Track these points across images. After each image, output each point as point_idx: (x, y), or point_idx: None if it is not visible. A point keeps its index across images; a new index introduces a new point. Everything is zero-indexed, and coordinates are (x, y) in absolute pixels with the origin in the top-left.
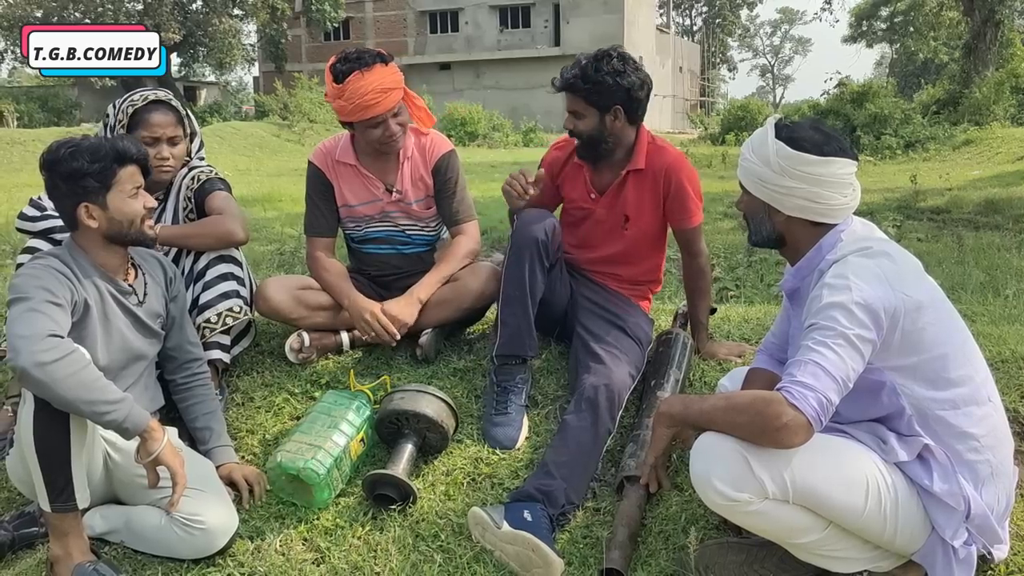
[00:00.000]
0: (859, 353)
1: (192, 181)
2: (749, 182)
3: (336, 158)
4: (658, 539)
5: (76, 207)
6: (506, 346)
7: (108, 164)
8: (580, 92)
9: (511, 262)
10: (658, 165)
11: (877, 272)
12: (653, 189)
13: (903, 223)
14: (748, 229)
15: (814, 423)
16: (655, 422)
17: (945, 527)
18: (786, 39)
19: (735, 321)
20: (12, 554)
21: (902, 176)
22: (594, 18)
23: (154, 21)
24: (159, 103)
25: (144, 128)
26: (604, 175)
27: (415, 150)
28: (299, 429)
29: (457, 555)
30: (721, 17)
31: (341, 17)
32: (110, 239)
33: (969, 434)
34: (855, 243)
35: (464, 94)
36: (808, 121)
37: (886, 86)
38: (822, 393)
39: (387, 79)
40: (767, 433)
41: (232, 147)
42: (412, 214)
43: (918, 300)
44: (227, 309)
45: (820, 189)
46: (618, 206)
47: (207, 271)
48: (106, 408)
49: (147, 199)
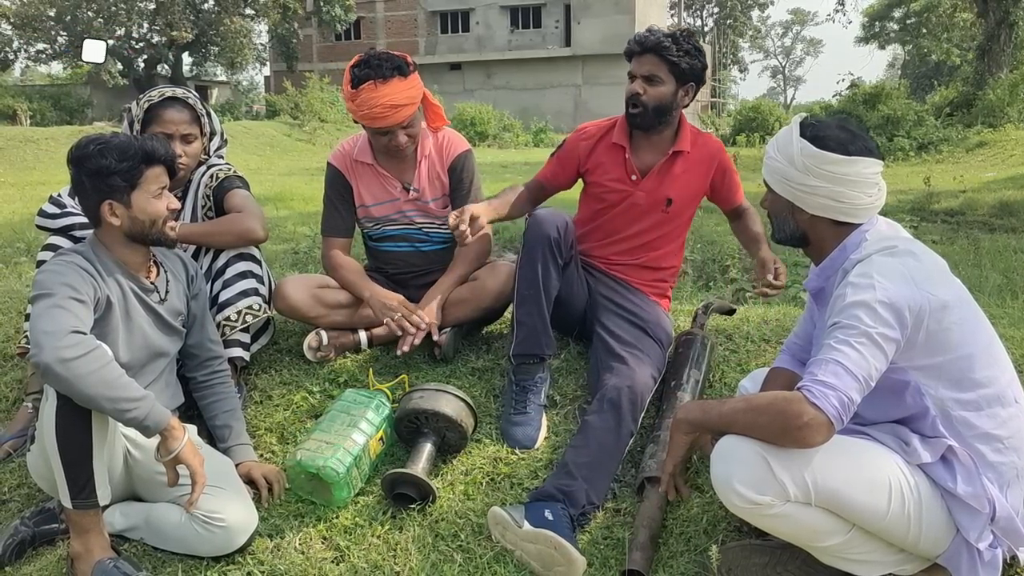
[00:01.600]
0: (882, 352)
1: (211, 179)
2: (774, 180)
3: (355, 158)
4: (679, 541)
5: (100, 204)
6: (523, 345)
7: (135, 163)
8: (671, 56)
9: (524, 261)
10: (706, 150)
11: (902, 271)
12: (703, 172)
13: (919, 225)
14: (772, 227)
15: (835, 422)
16: (673, 429)
17: (970, 529)
18: (798, 40)
19: (754, 322)
20: (32, 550)
21: (915, 178)
22: (605, 19)
23: (166, 20)
24: (175, 100)
25: (158, 124)
26: (646, 156)
27: (432, 149)
28: (318, 428)
29: (477, 555)
30: (732, 18)
31: (351, 19)
32: (131, 238)
33: (994, 435)
34: (880, 242)
35: (475, 94)
36: (835, 120)
37: (899, 88)
38: (843, 392)
39: (400, 95)
40: (788, 432)
41: (243, 146)
42: (429, 212)
43: (944, 299)
44: (247, 307)
45: (844, 188)
46: (662, 188)
47: (226, 269)
48: (128, 405)
49: (171, 200)
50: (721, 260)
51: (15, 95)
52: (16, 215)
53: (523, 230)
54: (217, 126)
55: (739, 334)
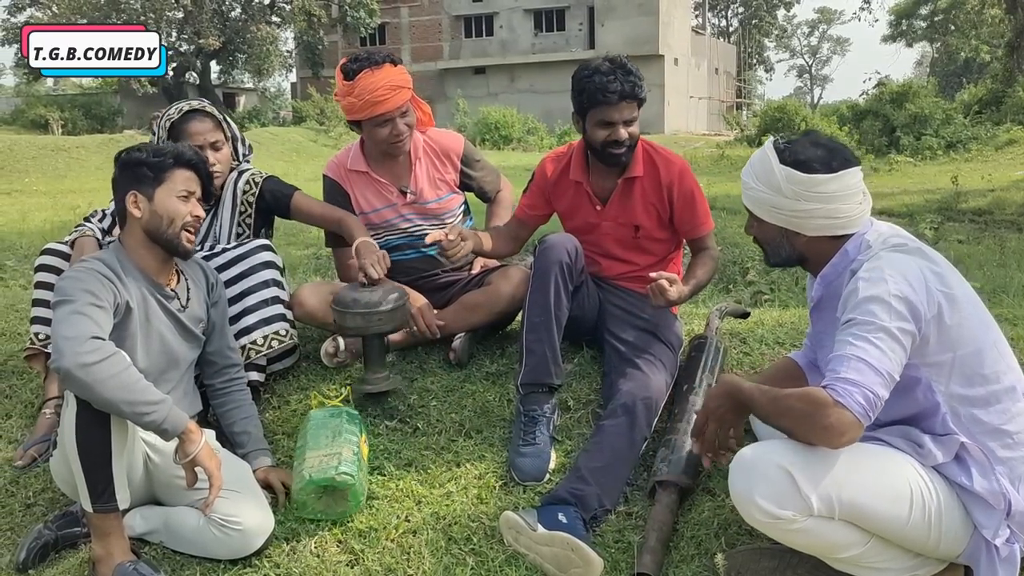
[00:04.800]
0: (901, 345)
1: (248, 185)
2: (761, 211)
3: (349, 167)
4: (690, 544)
5: (126, 195)
6: (531, 374)
7: (165, 160)
8: (642, 94)
9: (536, 287)
10: (661, 173)
11: (914, 266)
12: (659, 197)
13: (943, 224)
14: (765, 253)
15: (862, 419)
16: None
17: (987, 526)
18: (824, 39)
19: (768, 325)
20: (55, 553)
21: (943, 177)
22: (629, 20)
23: (194, 28)
24: (195, 112)
25: (185, 138)
26: (602, 183)
27: (425, 149)
28: (307, 448)
29: (489, 558)
30: (758, 18)
31: (376, 23)
32: (149, 235)
33: (1003, 431)
34: (886, 240)
35: (499, 98)
36: (805, 138)
37: (927, 86)
38: (868, 388)
39: (396, 78)
40: (815, 431)
41: (270, 152)
42: (428, 213)
43: (954, 295)
44: (273, 332)
45: (838, 204)
46: (626, 215)
47: (249, 294)
48: (146, 409)
49: (195, 208)
50: (742, 263)
51: (47, 104)
52: (47, 223)
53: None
54: (237, 131)
55: (753, 337)
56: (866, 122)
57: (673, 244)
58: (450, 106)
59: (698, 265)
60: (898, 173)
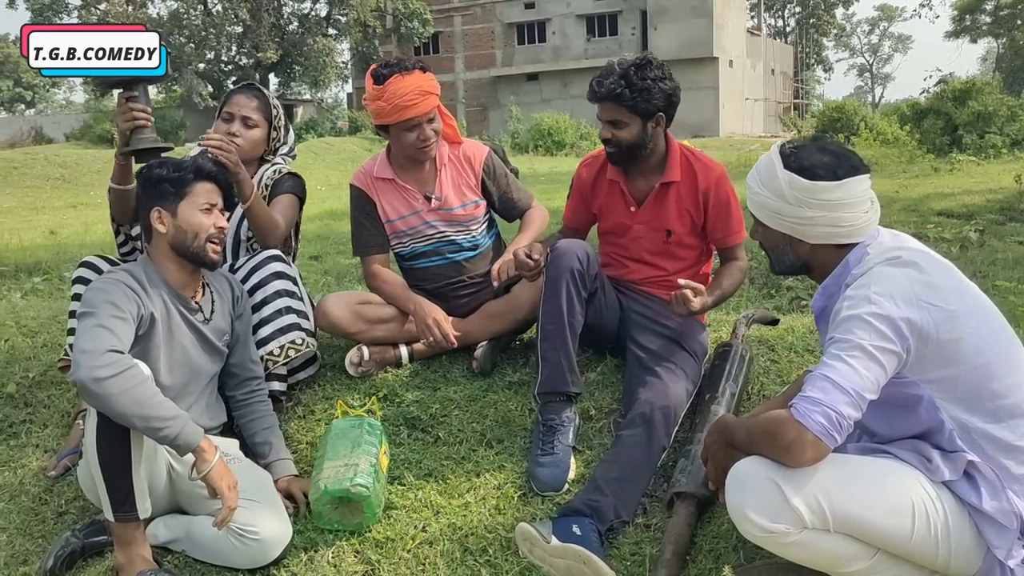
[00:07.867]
0: (878, 364)
1: (270, 179)
2: (765, 216)
3: (375, 176)
4: (708, 557)
5: (151, 211)
6: (547, 383)
7: (186, 175)
8: (626, 101)
9: (547, 295)
10: (699, 180)
11: (902, 281)
12: (694, 204)
13: (1002, 225)
14: (770, 259)
15: (823, 438)
16: (705, 435)
17: (999, 546)
18: (885, 37)
19: (799, 332)
20: (82, 561)
21: (1007, 176)
22: (683, 23)
23: (253, 43)
24: (248, 87)
25: (227, 105)
26: (639, 185)
27: (450, 157)
28: (325, 458)
29: (504, 570)
30: (815, 17)
31: (430, 33)
32: (175, 249)
33: (1018, 447)
34: (883, 253)
35: (552, 104)
36: (813, 143)
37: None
38: (829, 407)
39: (425, 84)
40: (778, 451)
41: (325, 162)
42: (454, 219)
43: (951, 309)
44: (289, 341)
45: (842, 212)
46: (659, 219)
47: (263, 306)
48: (159, 424)
49: (219, 219)
50: None
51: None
52: (108, 235)
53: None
54: (291, 140)
55: (782, 344)
56: (927, 121)
57: (703, 252)
58: (503, 113)
59: (724, 275)
60: (960, 172)
